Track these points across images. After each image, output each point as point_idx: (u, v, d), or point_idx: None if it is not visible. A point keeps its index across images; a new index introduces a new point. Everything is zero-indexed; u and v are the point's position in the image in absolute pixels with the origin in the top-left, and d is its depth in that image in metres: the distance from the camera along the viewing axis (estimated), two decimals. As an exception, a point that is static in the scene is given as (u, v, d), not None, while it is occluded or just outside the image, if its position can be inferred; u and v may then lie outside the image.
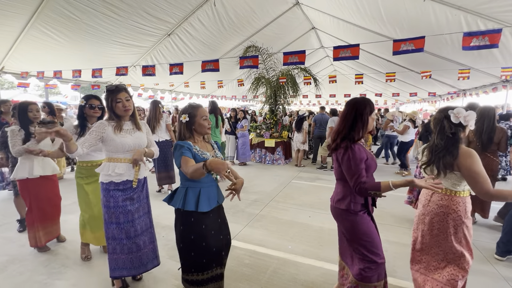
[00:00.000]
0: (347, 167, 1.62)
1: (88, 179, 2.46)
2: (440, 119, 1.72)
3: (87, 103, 2.39)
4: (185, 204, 1.64)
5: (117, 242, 1.99)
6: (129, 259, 2.02)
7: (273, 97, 7.79)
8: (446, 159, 1.66)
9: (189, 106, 1.75)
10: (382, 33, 6.12)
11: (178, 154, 1.60)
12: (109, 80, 8.07)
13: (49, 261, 2.56)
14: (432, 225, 1.79)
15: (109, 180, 1.97)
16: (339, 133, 1.73)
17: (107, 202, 1.98)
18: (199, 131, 1.74)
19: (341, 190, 1.75)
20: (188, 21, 6.01)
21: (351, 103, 1.74)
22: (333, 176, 5.97)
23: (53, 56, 5.92)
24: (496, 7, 3.74)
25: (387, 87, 12.37)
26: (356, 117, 1.68)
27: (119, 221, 1.99)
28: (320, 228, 3.40)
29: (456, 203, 1.70)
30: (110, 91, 1.93)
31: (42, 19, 4.69)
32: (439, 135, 1.72)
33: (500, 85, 6.65)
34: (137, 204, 2.08)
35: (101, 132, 1.91)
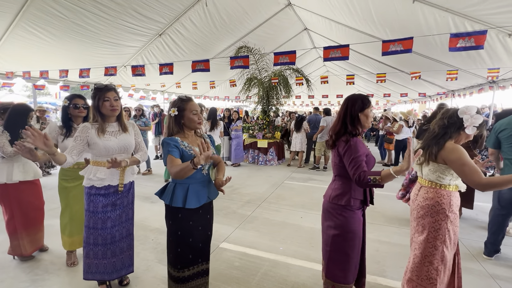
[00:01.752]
0: (349, 158, 1.59)
1: (74, 182, 2.39)
2: (449, 109, 1.77)
3: (71, 103, 2.31)
4: (173, 201, 1.63)
5: (91, 247, 1.95)
6: (102, 264, 1.97)
7: (266, 98, 7.78)
8: (432, 149, 1.72)
9: (179, 100, 1.71)
10: (373, 34, 6.19)
11: (165, 152, 1.58)
12: (98, 81, 7.92)
13: (32, 268, 2.47)
14: (418, 221, 1.82)
15: (91, 184, 1.91)
16: (334, 128, 1.75)
17: (87, 206, 1.94)
18: (188, 126, 1.70)
19: (339, 186, 1.72)
20: (180, 21, 5.95)
21: (344, 100, 1.77)
22: (325, 177, 6.09)
23: (39, 56, 5.77)
24: (482, 10, 3.81)
25: (379, 88, 12.52)
26: (346, 113, 1.70)
27: (97, 227, 1.93)
28: (311, 228, 3.39)
29: (441, 195, 1.73)
30: (98, 89, 1.87)
31: (27, 18, 4.57)
32: (438, 121, 1.77)
33: (487, 85, 6.80)
34: (119, 210, 2.01)
35: (86, 136, 1.84)
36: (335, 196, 1.72)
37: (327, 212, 1.78)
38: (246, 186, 5.16)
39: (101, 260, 1.97)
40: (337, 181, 1.75)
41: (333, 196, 1.73)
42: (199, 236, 1.71)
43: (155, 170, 6.41)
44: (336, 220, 1.71)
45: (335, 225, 1.72)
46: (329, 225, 1.76)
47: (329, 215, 1.76)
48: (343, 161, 1.65)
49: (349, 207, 1.68)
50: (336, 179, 1.78)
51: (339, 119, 1.73)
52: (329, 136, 1.78)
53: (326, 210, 1.80)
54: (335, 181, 1.79)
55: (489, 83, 6.60)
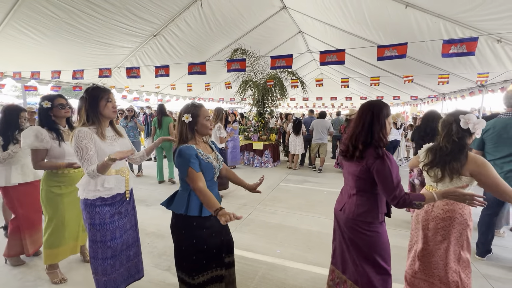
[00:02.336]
0: (385, 179, 1.46)
1: (68, 188, 2.24)
2: (449, 122, 1.71)
3: (54, 104, 2.17)
4: (189, 210, 1.58)
5: (99, 263, 1.81)
6: (112, 278, 1.86)
7: (261, 100, 7.80)
8: (453, 165, 1.66)
9: (192, 106, 1.65)
10: (367, 38, 6.29)
11: (185, 163, 1.52)
12: (91, 82, 7.80)
13: (23, 274, 2.41)
14: (436, 231, 1.78)
15: (97, 196, 1.76)
16: (359, 138, 1.57)
17: (91, 220, 1.77)
18: (201, 132, 1.66)
19: (364, 202, 1.60)
20: (175, 22, 5.91)
21: (367, 106, 1.61)
22: (320, 179, 6.13)
23: (30, 56, 5.65)
24: (472, 16, 3.92)
25: (372, 91, 12.70)
26: (373, 120, 1.55)
27: (105, 239, 1.80)
28: (308, 231, 3.41)
29: (462, 207, 1.73)
30: (101, 88, 1.77)
31: (18, 17, 4.47)
32: (445, 138, 1.72)
33: (476, 89, 6.99)
34: (125, 218, 1.91)
35: (91, 141, 1.68)
36: (362, 213, 1.60)
37: (352, 230, 1.66)
38: (242, 189, 5.14)
39: (110, 276, 1.86)
40: (360, 196, 1.62)
41: (358, 213, 1.61)
42: (213, 242, 1.67)
43: (146, 172, 6.35)
44: (368, 238, 1.61)
45: (369, 243, 1.61)
46: (362, 243, 1.63)
47: (356, 233, 1.64)
48: (374, 176, 1.51)
49: (377, 221, 1.61)
50: (358, 194, 1.63)
51: (364, 127, 1.57)
52: (351, 145, 1.60)
53: (350, 228, 1.66)
54: (356, 196, 1.64)
55: (479, 87, 6.78)
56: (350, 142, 1.62)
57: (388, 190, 1.47)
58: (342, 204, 1.74)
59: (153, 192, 4.84)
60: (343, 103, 17.86)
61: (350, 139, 1.63)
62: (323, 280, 2.41)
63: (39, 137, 2.07)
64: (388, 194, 1.48)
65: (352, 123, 1.66)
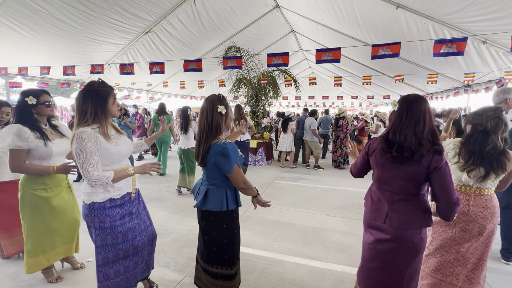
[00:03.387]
0: (450, 180, 1.33)
1: (54, 191, 2.08)
2: (503, 120, 1.68)
3: (39, 101, 1.98)
4: (228, 204, 1.65)
5: (110, 266, 1.71)
6: (125, 278, 1.78)
7: (255, 98, 7.82)
8: (503, 163, 1.64)
9: (221, 97, 1.67)
10: (359, 38, 6.41)
11: (232, 160, 1.55)
12: (80, 78, 7.61)
13: (18, 273, 2.35)
14: (478, 231, 1.74)
15: (107, 198, 1.66)
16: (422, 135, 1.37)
17: (101, 223, 1.64)
18: (228, 124, 1.69)
19: (415, 207, 1.44)
20: (167, 19, 5.85)
21: (418, 98, 1.42)
22: (314, 176, 6.22)
23: (17, 51, 5.45)
24: (459, 18, 4.07)
25: (362, 90, 12.95)
26: (429, 114, 1.39)
27: (117, 242, 1.70)
28: (304, 226, 3.47)
29: (496, 201, 1.77)
30: (108, 86, 1.67)
31: (4, 11, 4.30)
32: (502, 134, 1.67)
33: (462, 89, 7.26)
34: (137, 219, 1.82)
35: (96, 143, 1.55)
36: (423, 219, 1.43)
37: (404, 240, 1.44)
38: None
39: (123, 276, 1.78)
40: (412, 201, 1.44)
41: (421, 220, 1.42)
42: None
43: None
44: (414, 247, 1.44)
45: (415, 250, 1.45)
46: (408, 254, 1.46)
47: (408, 244, 1.44)
48: (433, 177, 1.35)
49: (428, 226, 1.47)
50: (406, 199, 1.45)
51: (426, 124, 1.38)
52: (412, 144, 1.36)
53: (402, 239, 1.44)
54: (404, 201, 1.44)
55: (464, 87, 7.04)
56: (405, 139, 1.38)
57: (451, 193, 1.33)
58: (382, 215, 1.50)
59: (146, 190, 4.79)
60: (334, 102, 18.12)
61: (404, 135, 1.38)
62: (320, 273, 2.47)
63: (23, 136, 1.85)
64: (451, 196, 1.33)
65: (400, 116, 1.43)
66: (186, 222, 3.52)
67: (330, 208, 4.12)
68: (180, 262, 2.59)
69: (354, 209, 4.07)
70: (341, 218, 3.74)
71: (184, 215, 3.77)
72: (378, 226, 1.53)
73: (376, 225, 1.55)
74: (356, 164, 1.74)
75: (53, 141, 2.03)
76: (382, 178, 1.53)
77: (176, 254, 2.73)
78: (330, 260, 2.69)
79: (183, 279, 2.33)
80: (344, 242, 3.06)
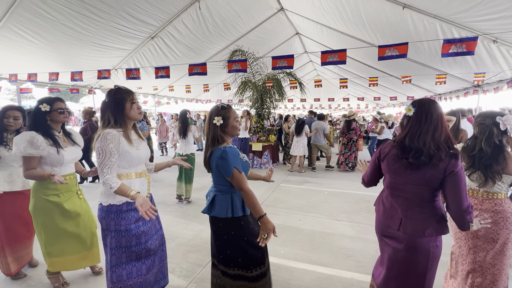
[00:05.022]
0: (464, 186, 1.32)
1: (65, 196, 2.11)
2: (488, 126, 1.68)
3: (53, 108, 2.02)
4: (234, 212, 1.64)
5: (123, 267, 1.73)
6: (138, 283, 1.79)
7: (260, 101, 7.81)
8: (494, 168, 1.64)
9: (222, 108, 1.68)
10: (365, 40, 6.35)
11: (230, 164, 1.56)
12: (88, 84, 7.74)
13: (22, 281, 2.35)
14: (489, 237, 1.70)
15: (124, 201, 1.69)
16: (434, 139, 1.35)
17: (117, 226, 1.69)
18: (231, 133, 1.71)
19: (431, 214, 1.41)
20: (172, 24, 5.91)
21: (431, 103, 1.41)
22: (320, 179, 6.15)
23: (27, 58, 5.58)
24: (468, 17, 3.99)
25: (369, 91, 12.82)
26: (443, 119, 1.39)
27: (130, 244, 1.73)
28: (311, 231, 3.41)
29: (508, 205, 1.71)
30: (126, 91, 1.72)
31: (15, 19, 4.41)
32: (486, 141, 1.67)
33: (471, 89, 7.09)
34: (150, 223, 1.85)
35: (118, 146, 1.60)
36: (439, 227, 1.40)
37: (417, 248, 1.42)
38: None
39: (136, 280, 1.77)
40: (427, 208, 1.41)
41: (436, 228, 1.39)
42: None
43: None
44: (430, 255, 1.41)
45: (428, 260, 1.42)
46: (424, 261, 1.43)
47: (422, 252, 1.41)
48: (448, 183, 1.32)
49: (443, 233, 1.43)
50: (421, 206, 1.42)
51: (444, 129, 1.37)
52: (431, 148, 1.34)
53: (416, 247, 1.42)
54: (419, 208, 1.42)
55: (474, 87, 6.88)
56: (424, 144, 1.35)
57: (464, 198, 1.31)
58: (396, 222, 1.47)
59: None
60: (340, 104, 17.98)
61: (424, 141, 1.36)
62: (327, 279, 2.41)
63: (35, 144, 1.90)
64: (462, 203, 1.31)
65: (418, 121, 1.39)
66: (191, 227, 3.50)
67: (338, 212, 4.04)
68: (186, 268, 2.56)
69: (362, 213, 3.98)
70: (349, 223, 3.67)
71: (190, 219, 3.75)
72: (392, 234, 1.50)
73: (390, 233, 1.51)
74: (367, 172, 1.72)
75: (65, 149, 2.07)
76: (395, 184, 1.50)
77: (182, 259, 2.71)
78: (338, 266, 2.63)
79: (188, 286, 2.30)
80: (353, 247, 2.99)
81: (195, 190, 4.99)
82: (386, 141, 1.67)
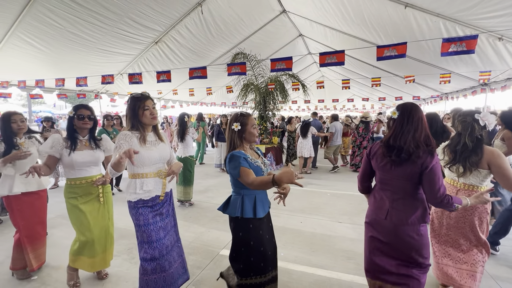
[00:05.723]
0: (438, 178, 1.47)
1: (84, 198, 2.23)
2: (469, 123, 1.90)
3: (75, 113, 2.18)
4: (243, 212, 1.70)
5: (148, 263, 1.86)
6: (161, 277, 1.89)
7: (263, 103, 7.82)
8: (472, 159, 1.86)
9: (240, 115, 1.80)
10: (367, 39, 6.30)
11: (236, 165, 1.64)
12: (95, 89, 7.91)
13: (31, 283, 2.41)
14: (458, 219, 1.99)
15: (138, 198, 1.84)
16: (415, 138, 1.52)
17: (137, 221, 1.86)
18: (249, 139, 1.79)
19: (413, 205, 1.58)
20: (176, 28, 6.00)
21: (413, 106, 1.59)
22: (323, 181, 6.09)
23: (35, 65, 5.76)
24: (472, 14, 3.92)
25: (374, 92, 12.68)
26: (423, 120, 1.58)
27: (151, 240, 1.86)
28: (312, 233, 3.38)
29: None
30: (137, 98, 1.85)
31: (23, 27, 4.57)
32: (469, 137, 1.88)
33: (479, 88, 6.93)
34: (166, 219, 1.97)
35: (130, 144, 1.77)
36: (421, 216, 1.57)
37: (402, 236, 1.59)
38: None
39: (160, 274, 1.88)
40: (407, 200, 1.59)
41: (418, 217, 1.56)
42: (269, 245, 1.79)
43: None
44: (415, 242, 1.58)
45: (416, 246, 1.59)
46: (409, 247, 1.60)
47: (406, 239, 1.59)
48: (424, 176, 1.49)
49: (426, 223, 1.61)
50: (404, 199, 1.60)
51: (423, 130, 1.54)
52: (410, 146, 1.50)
53: (400, 234, 1.59)
54: (403, 200, 1.60)
55: (481, 86, 6.73)
56: (405, 143, 1.52)
57: (437, 190, 1.48)
58: (384, 212, 1.65)
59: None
60: (345, 105, 17.83)
61: (405, 140, 1.52)
62: (327, 282, 2.39)
63: (51, 145, 2.10)
64: (435, 194, 1.48)
65: (401, 123, 1.57)
66: (193, 229, 3.52)
67: (339, 214, 4.00)
68: (185, 270, 2.57)
69: (364, 215, 3.92)
70: (351, 225, 3.63)
71: (191, 222, 3.78)
72: (380, 223, 1.68)
73: (377, 222, 1.70)
74: (360, 171, 1.90)
75: (79, 152, 2.17)
76: (383, 180, 1.69)
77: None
78: (338, 269, 2.60)
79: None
80: (353, 249, 2.95)
81: (197, 193, 5.03)
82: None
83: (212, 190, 5.39)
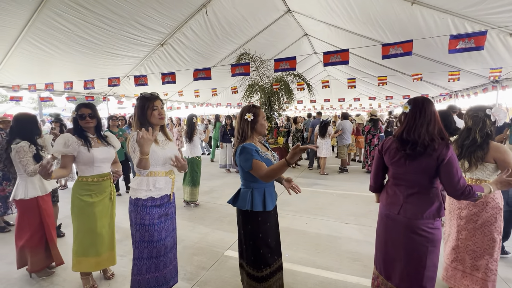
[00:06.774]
0: (456, 170, 1.45)
1: (98, 196, 2.23)
2: (481, 118, 1.89)
3: (77, 113, 2.19)
4: (253, 205, 1.72)
5: (143, 262, 1.85)
6: (154, 277, 1.89)
7: (268, 104, 7.81)
8: (477, 154, 1.86)
9: (252, 106, 1.82)
10: (373, 38, 6.21)
11: (248, 157, 1.64)
12: (102, 91, 8.04)
13: (48, 281, 2.46)
14: (469, 218, 1.92)
15: (149, 196, 1.83)
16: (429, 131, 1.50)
17: (142, 220, 1.82)
18: (259, 131, 1.81)
19: (430, 198, 1.54)
20: (181, 30, 6.05)
21: (425, 100, 1.58)
22: (330, 181, 6.03)
23: (44, 69, 5.89)
24: (481, 10, 3.81)
25: (381, 91, 12.50)
26: (435, 113, 1.56)
27: (152, 239, 1.85)
28: (317, 234, 3.35)
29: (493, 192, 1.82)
30: (146, 98, 1.84)
31: (33, 32, 4.68)
32: (480, 132, 1.88)
33: (490, 85, 6.75)
34: (170, 220, 1.98)
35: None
36: (436, 211, 1.53)
37: (416, 230, 1.55)
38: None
39: (153, 274, 1.88)
40: (422, 195, 1.56)
41: (433, 211, 1.52)
42: (274, 235, 1.83)
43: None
44: (428, 236, 1.54)
45: (427, 241, 1.55)
46: (422, 243, 1.55)
47: (420, 233, 1.55)
48: (441, 169, 1.46)
49: (440, 217, 1.56)
50: (420, 193, 1.56)
51: (436, 123, 1.53)
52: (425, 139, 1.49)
53: (414, 229, 1.55)
54: (418, 194, 1.56)
55: (492, 83, 6.55)
56: (419, 136, 1.50)
57: (457, 181, 1.45)
58: (397, 207, 1.62)
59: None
60: (351, 104, 17.63)
61: (419, 133, 1.50)
62: (332, 284, 2.36)
63: (66, 144, 2.11)
64: (455, 186, 1.45)
65: (414, 117, 1.54)
66: (198, 230, 3.54)
67: (346, 215, 3.95)
68: (190, 271, 2.59)
69: (371, 216, 3.87)
70: (357, 226, 3.58)
71: (196, 222, 3.80)
72: (393, 218, 1.65)
73: (391, 217, 1.67)
74: (373, 169, 1.86)
75: (96, 148, 2.21)
76: (396, 174, 1.66)
77: (186, 262, 2.74)
78: (344, 270, 2.56)
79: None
80: (359, 251, 2.91)
81: (203, 194, 5.05)
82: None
83: (217, 191, 5.40)
